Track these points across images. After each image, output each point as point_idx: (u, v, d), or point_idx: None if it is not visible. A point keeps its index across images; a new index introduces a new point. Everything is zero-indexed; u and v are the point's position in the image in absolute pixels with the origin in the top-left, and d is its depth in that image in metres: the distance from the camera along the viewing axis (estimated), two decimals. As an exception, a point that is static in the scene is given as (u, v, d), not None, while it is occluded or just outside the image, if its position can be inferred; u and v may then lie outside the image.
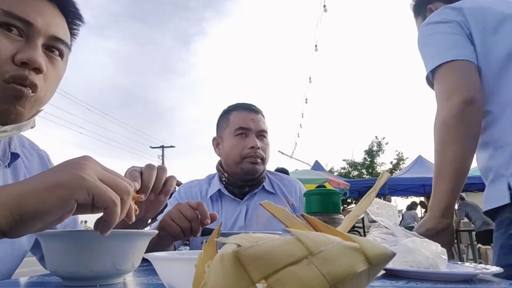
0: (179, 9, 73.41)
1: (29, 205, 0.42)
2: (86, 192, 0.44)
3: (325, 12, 9.78)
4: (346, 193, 9.37)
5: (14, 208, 0.42)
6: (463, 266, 0.72)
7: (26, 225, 0.43)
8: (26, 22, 0.60)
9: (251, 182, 1.35)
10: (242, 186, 1.35)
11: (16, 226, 0.42)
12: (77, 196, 0.44)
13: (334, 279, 0.21)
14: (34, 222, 0.43)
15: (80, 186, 0.44)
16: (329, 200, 0.65)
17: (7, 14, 0.59)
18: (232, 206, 1.34)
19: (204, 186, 1.40)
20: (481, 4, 1.03)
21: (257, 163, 1.30)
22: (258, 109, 1.40)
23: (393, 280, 0.62)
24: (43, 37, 0.63)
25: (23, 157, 0.79)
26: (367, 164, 22.75)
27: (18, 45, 0.60)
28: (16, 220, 0.42)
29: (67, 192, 0.43)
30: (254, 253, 0.21)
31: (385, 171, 0.37)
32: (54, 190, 0.43)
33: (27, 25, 0.61)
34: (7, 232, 0.43)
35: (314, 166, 12.37)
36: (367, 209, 0.73)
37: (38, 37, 0.62)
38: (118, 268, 0.57)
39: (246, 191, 1.35)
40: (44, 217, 0.43)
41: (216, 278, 0.21)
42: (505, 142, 0.92)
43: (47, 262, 0.58)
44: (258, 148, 1.30)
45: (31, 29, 0.61)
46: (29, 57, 0.60)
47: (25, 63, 0.60)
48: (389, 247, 0.25)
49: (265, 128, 1.35)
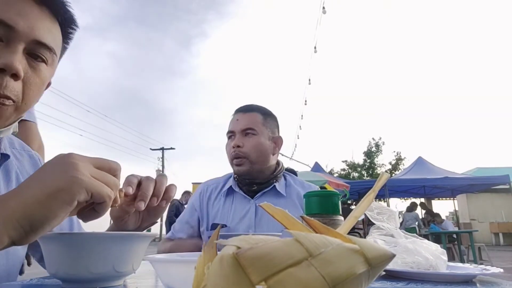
0: (180, 11, 73.57)
1: (35, 215, 0.43)
2: (85, 192, 0.46)
3: (324, 14, 9.82)
4: (346, 195, 9.37)
5: (21, 219, 0.43)
6: (463, 267, 0.72)
7: (36, 233, 0.44)
8: (6, 25, 0.57)
9: (258, 181, 1.36)
10: (250, 184, 1.36)
11: (26, 235, 0.44)
12: (79, 198, 0.45)
13: (334, 281, 0.21)
14: (43, 228, 0.44)
15: (80, 188, 0.45)
16: (328, 201, 0.65)
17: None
18: (242, 203, 1.36)
19: (221, 183, 1.44)
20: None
21: (242, 164, 1.31)
22: (253, 108, 1.39)
23: (393, 281, 0.61)
24: (25, 41, 0.60)
25: (13, 157, 0.79)
26: (367, 165, 22.74)
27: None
28: (26, 230, 0.43)
29: (69, 196, 0.44)
30: (254, 255, 0.21)
31: (384, 172, 0.37)
32: (56, 196, 0.44)
33: (7, 28, 0.57)
34: (17, 242, 0.44)
35: (314, 167, 12.37)
36: (367, 213, 0.73)
37: (20, 41, 0.59)
38: (118, 270, 0.57)
39: (255, 189, 1.36)
40: (51, 222, 0.45)
41: (215, 280, 0.21)
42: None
43: (47, 264, 0.58)
44: (238, 146, 1.31)
45: (12, 33, 0.58)
46: (5, 62, 0.56)
47: (2, 70, 0.57)
48: (389, 249, 0.25)
49: (252, 125, 1.33)
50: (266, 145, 1.35)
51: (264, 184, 1.36)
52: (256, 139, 1.33)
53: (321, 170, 12.16)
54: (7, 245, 0.44)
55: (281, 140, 1.42)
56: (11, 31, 0.58)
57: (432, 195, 13.49)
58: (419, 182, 10.66)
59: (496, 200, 17.18)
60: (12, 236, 0.43)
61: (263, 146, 1.34)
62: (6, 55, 0.57)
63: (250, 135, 1.33)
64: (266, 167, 1.37)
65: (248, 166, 1.32)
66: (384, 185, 9.71)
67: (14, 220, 0.43)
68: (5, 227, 0.42)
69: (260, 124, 1.36)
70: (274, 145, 1.40)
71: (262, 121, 1.37)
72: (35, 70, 0.63)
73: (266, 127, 1.37)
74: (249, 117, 1.36)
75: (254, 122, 1.35)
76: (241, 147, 1.32)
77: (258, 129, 1.34)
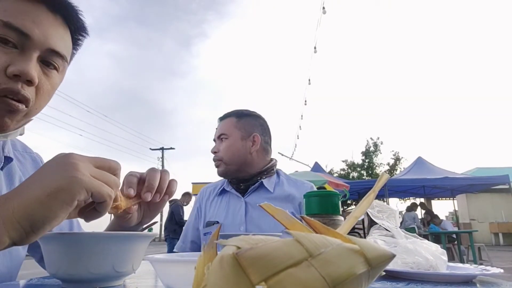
0: (180, 11, 73.52)
1: (36, 215, 0.43)
2: (86, 191, 0.46)
3: (324, 14, 9.82)
4: (346, 195, 9.37)
5: (22, 220, 0.43)
6: (463, 267, 0.72)
7: (37, 233, 0.44)
8: (22, 33, 0.59)
9: (242, 180, 1.44)
10: (237, 183, 1.46)
11: (27, 236, 0.44)
12: (79, 197, 0.45)
13: (334, 281, 0.21)
14: (44, 228, 0.44)
15: (80, 187, 0.45)
16: (328, 201, 0.65)
17: (5, 25, 0.58)
18: (235, 201, 1.44)
19: (218, 185, 1.54)
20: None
21: (218, 166, 1.43)
22: (227, 114, 1.50)
23: (393, 282, 0.61)
24: (40, 49, 0.62)
25: (16, 160, 0.79)
26: (367, 165, 22.73)
27: (11, 57, 0.59)
28: (26, 231, 0.43)
29: (69, 196, 0.45)
30: (254, 255, 0.21)
31: (384, 173, 0.37)
32: (56, 196, 0.44)
33: (23, 36, 0.59)
34: (18, 242, 0.44)
35: (313, 167, 12.37)
36: (367, 210, 0.73)
37: (34, 49, 0.61)
38: (118, 270, 0.57)
39: (243, 188, 1.44)
40: (52, 222, 0.45)
41: (215, 280, 0.21)
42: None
43: (46, 265, 0.58)
44: (215, 152, 1.44)
45: (27, 41, 0.60)
46: (21, 70, 0.59)
47: (18, 76, 0.59)
48: (389, 249, 0.25)
49: (224, 131, 1.44)
50: (238, 146, 1.42)
51: (249, 182, 1.43)
52: (227, 143, 1.43)
53: (321, 170, 12.16)
54: (7, 246, 0.44)
55: (257, 138, 1.46)
56: (26, 39, 0.60)
57: (431, 195, 13.49)
58: (419, 182, 10.66)
59: (496, 200, 17.19)
60: (13, 237, 0.43)
61: (234, 147, 1.42)
62: (21, 62, 0.59)
63: (223, 140, 1.44)
64: (247, 165, 1.42)
65: (223, 167, 1.42)
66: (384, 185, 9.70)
67: (15, 221, 0.43)
68: (5, 228, 0.42)
69: (233, 127, 1.44)
70: (251, 143, 1.44)
71: (235, 123, 1.45)
72: (48, 77, 0.65)
73: (239, 129, 1.44)
74: (224, 124, 1.47)
75: (227, 127, 1.45)
76: (217, 152, 1.44)
77: (229, 133, 1.43)
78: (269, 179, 1.44)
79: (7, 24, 0.58)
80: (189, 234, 1.52)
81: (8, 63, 0.58)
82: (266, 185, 1.42)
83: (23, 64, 0.59)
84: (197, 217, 1.52)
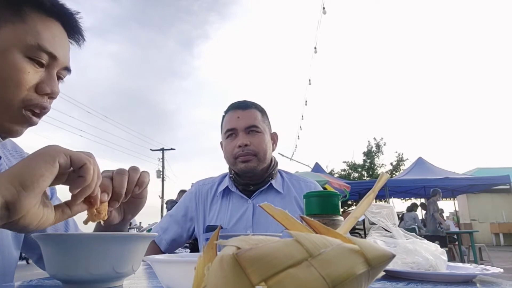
0: (182, 12, 73.42)
1: (23, 174, 0.47)
2: (64, 155, 0.51)
3: (324, 14, 9.83)
4: (346, 195, 9.37)
5: (12, 180, 0.46)
6: (463, 267, 0.72)
7: (27, 191, 0.46)
8: (52, 56, 0.67)
9: (254, 181, 1.33)
10: (246, 184, 1.33)
11: (19, 195, 0.46)
12: (59, 159, 0.50)
13: (334, 281, 0.21)
14: (33, 188, 0.47)
15: (59, 151, 0.51)
16: (329, 202, 0.65)
17: (39, 48, 0.65)
18: (239, 203, 1.33)
19: (216, 183, 1.41)
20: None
21: (249, 160, 1.27)
22: (249, 104, 1.35)
23: (393, 282, 0.61)
24: (59, 68, 0.70)
25: (4, 158, 0.80)
26: (367, 165, 22.70)
27: (41, 76, 0.66)
28: (17, 189, 0.46)
29: (50, 157, 0.49)
30: (254, 256, 0.21)
31: (384, 173, 0.37)
32: (38, 157, 0.49)
33: (52, 58, 0.67)
34: (11, 206, 0.46)
35: (314, 168, 12.37)
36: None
37: (56, 68, 0.69)
38: (117, 271, 0.57)
39: (251, 188, 1.33)
40: (39, 181, 0.47)
41: (215, 280, 0.21)
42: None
43: (46, 266, 0.58)
44: (246, 145, 1.27)
45: (54, 61, 0.68)
46: (53, 89, 0.67)
47: (47, 93, 0.67)
48: (389, 249, 0.25)
49: (255, 123, 1.30)
50: (268, 143, 1.34)
51: (260, 183, 1.33)
52: (261, 137, 1.30)
53: (321, 170, 12.15)
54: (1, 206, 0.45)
55: (276, 137, 1.41)
56: (54, 60, 0.68)
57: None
58: (420, 182, 10.65)
59: (497, 201, 17.18)
60: (5, 195, 0.45)
61: (267, 144, 1.32)
62: (51, 82, 0.67)
63: (254, 133, 1.30)
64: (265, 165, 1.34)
65: (255, 163, 1.28)
66: (384, 186, 9.71)
67: (4, 181, 0.46)
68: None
69: (261, 121, 1.33)
70: (272, 141, 1.39)
71: (261, 118, 1.34)
72: None
73: (267, 124, 1.36)
74: (250, 115, 1.32)
75: (257, 120, 1.31)
76: (249, 145, 1.27)
77: (261, 127, 1.31)
78: (276, 179, 1.36)
79: (41, 47, 0.65)
80: (171, 231, 1.38)
81: (38, 81, 0.66)
82: (275, 186, 1.33)
83: (53, 83, 0.68)
84: (185, 214, 1.39)
